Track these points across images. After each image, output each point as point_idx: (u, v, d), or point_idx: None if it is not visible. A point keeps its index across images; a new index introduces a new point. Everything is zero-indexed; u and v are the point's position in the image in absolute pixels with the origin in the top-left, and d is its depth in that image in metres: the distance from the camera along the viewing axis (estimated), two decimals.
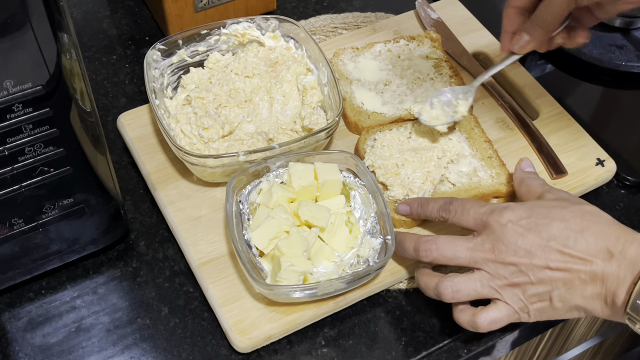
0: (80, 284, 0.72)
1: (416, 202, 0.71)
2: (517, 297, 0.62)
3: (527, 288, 0.62)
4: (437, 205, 0.69)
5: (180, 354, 0.67)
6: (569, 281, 0.61)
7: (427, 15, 0.94)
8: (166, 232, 0.76)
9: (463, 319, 0.65)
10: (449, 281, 0.64)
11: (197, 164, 0.72)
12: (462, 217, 0.66)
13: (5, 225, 0.63)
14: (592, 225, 0.62)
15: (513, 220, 0.63)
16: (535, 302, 0.62)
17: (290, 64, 0.82)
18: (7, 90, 0.55)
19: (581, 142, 0.82)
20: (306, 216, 0.69)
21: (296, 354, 0.68)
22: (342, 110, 0.75)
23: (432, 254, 0.65)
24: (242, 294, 0.69)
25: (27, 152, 0.59)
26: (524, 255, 0.61)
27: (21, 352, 0.67)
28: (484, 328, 0.63)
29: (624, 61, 0.91)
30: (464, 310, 0.65)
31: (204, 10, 0.90)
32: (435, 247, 0.65)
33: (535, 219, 0.63)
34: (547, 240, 0.61)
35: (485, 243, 0.63)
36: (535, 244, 0.61)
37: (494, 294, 0.63)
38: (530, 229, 0.62)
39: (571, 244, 0.61)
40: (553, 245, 0.61)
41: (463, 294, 0.63)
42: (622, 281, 0.59)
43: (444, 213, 0.68)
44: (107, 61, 0.92)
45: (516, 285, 0.62)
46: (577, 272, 0.60)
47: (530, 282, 0.61)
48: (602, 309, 0.61)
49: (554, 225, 0.62)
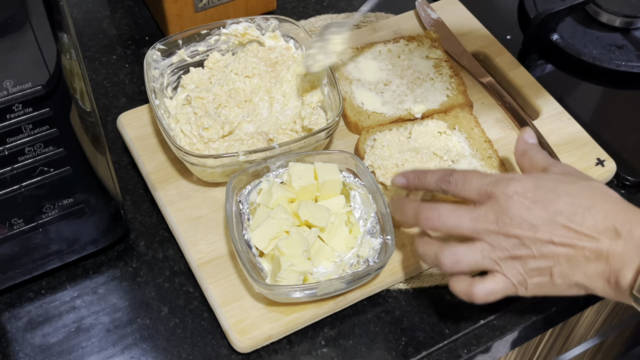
0: (80, 284, 0.72)
1: (413, 174, 0.68)
2: (517, 270, 0.61)
3: (528, 262, 0.60)
4: (435, 177, 0.66)
5: (180, 354, 0.67)
6: (572, 257, 0.59)
7: (427, 15, 0.94)
8: (166, 232, 0.76)
9: (459, 288, 0.63)
10: (450, 250, 0.62)
11: (197, 164, 0.72)
12: (463, 188, 0.63)
13: (5, 225, 0.63)
14: (600, 203, 0.60)
15: (519, 192, 0.61)
16: (534, 276, 0.61)
17: (290, 64, 0.82)
18: (7, 90, 0.55)
19: (581, 142, 0.82)
20: (306, 216, 0.69)
21: (296, 354, 0.68)
22: (342, 110, 0.75)
23: (434, 221, 0.63)
24: (242, 294, 0.69)
25: (27, 152, 0.59)
26: (528, 228, 0.60)
27: (21, 352, 0.67)
28: (480, 299, 0.62)
29: (624, 61, 0.91)
30: (461, 279, 0.63)
31: (204, 10, 0.90)
32: (438, 215, 0.63)
33: (542, 192, 0.61)
34: (553, 215, 0.59)
35: (489, 214, 0.61)
36: (540, 217, 0.60)
37: (494, 265, 0.61)
38: (537, 202, 0.60)
39: (578, 220, 0.59)
40: (559, 220, 0.59)
41: (463, 264, 0.62)
42: (629, 261, 0.57)
43: (443, 184, 0.65)
44: (107, 61, 0.92)
45: (517, 258, 0.60)
46: (582, 248, 0.59)
47: (532, 255, 0.60)
48: (604, 288, 0.60)
49: (562, 200, 0.60)
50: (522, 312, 0.71)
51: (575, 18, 0.96)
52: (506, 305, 0.71)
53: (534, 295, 0.62)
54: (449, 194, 0.65)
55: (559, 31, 0.94)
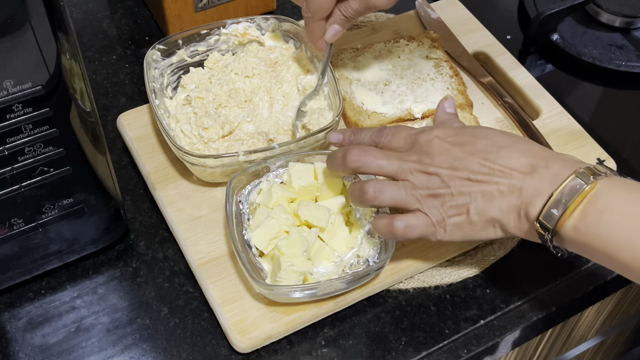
0: (80, 284, 0.72)
1: (349, 131, 0.71)
2: (437, 209, 0.63)
3: (446, 199, 0.63)
4: (370, 132, 0.69)
5: (180, 354, 0.67)
6: (487, 193, 0.62)
7: (427, 15, 0.94)
8: (166, 232, 0.76)
9: (380, 224, 0.65)
10: (375, 182, 0.65)
11: (197, 164, 0.72)
12: (392, 139, 0.67)
13: (5, 225, 0.63)
14: (516, 143, 0.64)
15: (440, 136, 0.65)
16: (453, 215, 0.63)
17: (290, 64, 0.82)
18: (7, 90, 0.55)
19: (581, 142, 0.82)
20: (306, 216, 0.69)
21: (296, 354, 0.68)
22: (342, 110, 0.75)
23: (360, 159, 0.65)
24: (242, 294, 0.69)
25: (27, 152, 0.59)
26: (447, 167, 0.63)
27: (21, 352, 0.67)
28: (400, 232, 0.64)
29: (624, 61, 0.91)
30: (383, 216, 0.66)
31: (204, 10, 0.90)
32: (364, 153, 0.65)
33: (462, 137, 0.65)
34: (469, 154, 0.63)
35: (412, 155, 0.65)
36: (458, 156, 0.63)
37: (415, 203, 0.64)
38: (455, 144, 0.64)
39: (492, 157, 0.62)
40: (475, 158, 0.63)
41: (385, 195, 0.64)
42: (540, 193, 0.60)
43: (376, 137, 0.68)
44: (107, 61, 0.92)
45: (437, 197, 0.63)
46: (497, 184, 0.62)
47: (451, 193, 0.62)
48: (515, 221, 0.62)
49: (479, 141, 0.64)
50: (522, 312, 0.71)
51: (575, 18, 0.96)
52: (506, 305, 0.71)
53: (452, 239, 0.64)
54: (380, 146, 0.68)
55: (559, 31, 0.94)
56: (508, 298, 0.72)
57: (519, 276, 0.73)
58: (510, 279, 0.73)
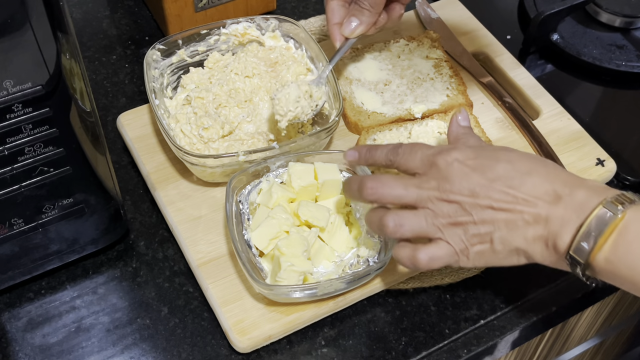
0: (80, 284, 0.72)
1: (364, 148, 0.69)
2: (459, 237, 0.61)
3: (469, 228, 0.61)
4: (385, 149, 0.67)
5: (180, 354, 0.67)
6: (511, 222, 0.60)
7: (427, 15, 0.94)
8: (166, 232, 0.76)
9: (403, 254, 0.63)
10: (394, 214, 0.63)
11: (197, 164, 0.72)
12: (409, 158, 0.65)
13: (5, 225, 0.63)
14: (539, 168, 0.61)
15: (459, 160, 0.62)
16: (475, 243, 0.61)
17: (290, 64, 0.82)
18: (7, 90, 0.55)
19: (581, 142, 0.82)
20: (306, 216, 0.69)
21: (296, 354, 0.68)
22: (342, 110, 0.75)
23: (377, 191, 0.63)
24: (242, 294, 0.69)
25: (27, 152, 0.59)
26: (468, 194, 0.60)
27: (21, 352, 0.67)
28: (423, 265, 0.62)
29: (624, 61, 0.91)
30: (405, 245, 0.63)
31: (204, 10, 0.90)
32: (381, 185, 0.63)
33: (482, 159, 0.62)
34: (491, 181, 0.60)
35: (430, 181, 0.62)
36: (479, 183, 0.60)
37: (437, 232, 0.62)
38: (476, 169, 0.61)
39: (516, 184, 0.60)
40: (497, 185, 0.60)
41: (406, 228, 0.62)
42: (567, 223, 0.58)
43: (391, 156, 0.66)
44: (107, 61, 0.92)
45: (459, 225, 0.61)
46: (521, 212, 0.59)
47: (473, 221, 0.60)
48: (542, 252, 0.60)
49: (500, 166, 0.61)
50: (522, 312, 0.71)
51: (575, 18, 0.96)
52: (506, 305, 0.71)
53: (475, 266, 0.63)
54: (395, 165, 0.66)
55: (559, 31, 0.94)
56: (508, 298, 0.72)
57: (519, 276, 0.73)
58: (510, 279, 0.73)
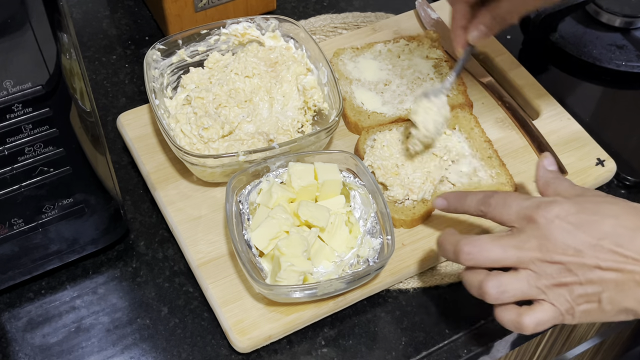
0: (80, 284, 0.72)
1: (453, 196, 0.67)
2: (564, 298, 0.58)
3: (574, 288, 0.58)
4: (476, 199, 0.64)
5: (180, 354, 0.67)
6: (621, 283, 0.57)
7: (427, 15, 0.94)
8: (166, 232, 0.76)
9: (507, 318, 0.60)
10: (495, 280, 0.60)
11: (197, 164, 0.72)
12: (502, 211, 0.62)
13: (5, 225, 0.63)
14: None
15: (561, 216, 0.58)
16: (582, 303, 0.58)
17: (290, 64, 0.82)
18: (7, 90, 0.55)
19: (581, 142, 0.82)
20: (306, 216, 0.69)
21: (296, 354, 0.68)
22: (342, 110, 0.75)
23: (475, 256, 0.60)
24: (242, 294, 0.69)
25: (27, 152, 0.59)
26: (573, 254, 0.57)
27: (21, 352, 0.67)
28: (529, 330, 0.59)
29: (624, 61, 0.91)
30: (508, 309, 0.60)
31: (204, 10, 0.90)
32: (478, 250, 0.60)
33: (585, 215, 0.58)
34: (598, 239, 0.57)
35: (531, 240, 0.59)
36: (585, 242, 0.57)
37: (540, 294, 0.59)
38: (580, 226, 0.58)
39: (625, 242, 0.57)
40: (605, 244, 0.57)
41: (509, 295, 0.59)
42: None
43: (483, 207, 0.63)
44: (107, 61, 0.92)
45: (563, 285, 0.58)
46: (631, 273, 0.56)
47: (579, 282, 0.58)
48: None
49: (606, 222, 0.58)
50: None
51: (575, 18, 0.96)
52: None
53: (579, 322, 0.61)
54: (488, 217, 0.63)
55: (559, 31, 0.94)
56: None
57: None
58: None
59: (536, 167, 0.67)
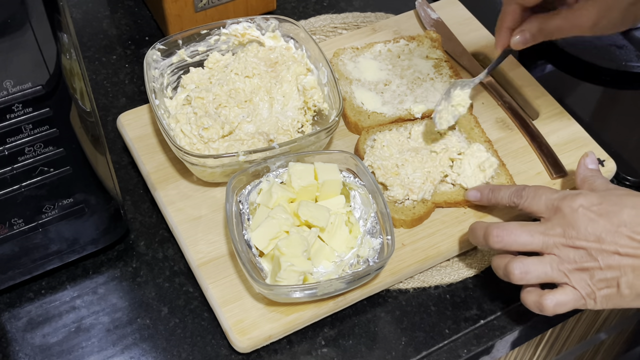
0: (80, 284, 0.72)
1: (487, 189, 0.73)
2: (585, 282, 0.63)
3: (595, 273, 0.62)
4: (509, 192, 0.70)
5: (180, 354, 0.67)
6: (638, 267, 0.61)
7: (427, 15, 0.94)
8: (166, 232, 0.76)
9: (530, 300, 0.65)
10: (519, 262, 0.64)
11: (197, 164, 0.72)
12: (533, 202, 0.67)
13: (5, 225, 0.63)
14: None
15: (585, 206, 0.63)
16: (602, 288, 0.62)
17: (290, 64, 0.82)
18: (7, 90, 0.55)
19: (581, 142, 0.82)
20: (306, 216, 0.69)
21: (296, 354, 0.68)
22: (342, 110, 0.75)
23: (504, 239, 0.65)
24: (242, 294, 0.69)
25: (27, 152, 0.59)
26: (594, 240, 0.62)
27: (21, 352, 0.67)
28: (550, 310, 0.64)
29: (624, 61, 0.91)
30: (531, 291, 0.65)
31: (204, 10, 0.90)
32: (507, 233, 0.65)
33: (607, 205, 0.63)
34: (617, 226, 0.62)
35: (556, 227, 0.64)
36: (605, 229, 0.62)
37: (563, 278, 0.63)
38: (602, 215, 0.63)
39: None
40: (623, 231, 0.61)
41: (532, 275, 0.64)
42: None
43: (515, 198, 0.69)
44: (107, 61, 0.92)
45: (585, 270, 0.62)
46: None
47: (599, 267, 0.62)
48: None
49: (625, 212, 0.62)
50: (522, 312, 0.71)
51: None
52: (506, 305, 0.71)
53: (601, 308, 0.64)
54: (519, 208, 0.69)
55: None
56: (508, 298, 0.72)
57: None
58: None
59: (577, 164, 0.73)
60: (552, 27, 0.72)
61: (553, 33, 0.73)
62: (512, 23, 0.75)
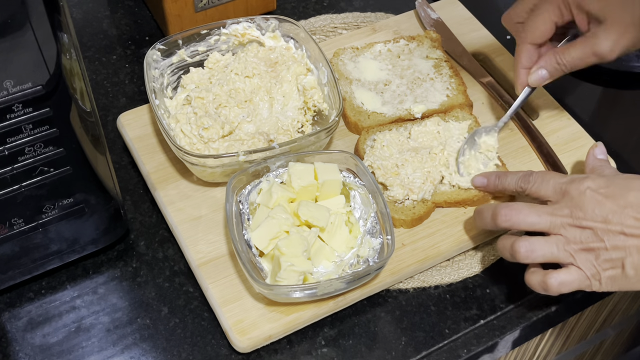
0: (80, 284, 0.72)
1: (493, 175, 0.73)
2: (590, 263, 0.63)
3: (600, 253, 0.63)
4: (516, 177, 0.70)
5: (180, 354, 0.67)
6: None
7: (427, 15, 0.94)
8: (166, 232, 0.76)
9: (534, 280, 0.66)
10: (525, 240, 0.65)
11: (197, 164, 0.72)
12: (541, 187, 0.67)
13: (5, 225, 0.63)
14: None
15: (592, 188, 0.64)
16: (607, 268, 0.63)
17: (290, 64, 0.82)
18: (7, 90, 0.55)
19: (581, 142, 0.82)
20: (306, 216, 0.69)
21: (296, 354, 0.68)
22: (342, 110, 0.75)
23: (512, 218, 0.66)
24: (242, 294, 0.69)
25: (27, 152, 0.59)
26: (600, 220, 0.63)
27: (21, 352, 0.67)
28: (554, 289, 0.64)
29: (624, 61, 0.91)
30: (536, 271, 0.66)
31: (204, 10, 0.90)
32: (515, 212, 0.66)
33: (614, 188, 0.64)
34: (623, 208, 0.62)
35: (563, 208, 0.64)
36: (611, 210, 0.63)
37: (568, 257, 0.64)
38: (608, 197, 0.63)
39: None
40: (629, 212, 0.62)
41: (538, 254, 0.64)
42: None
43: (522, 183, 0.69)
44: (107, 61, 0.92)
45: (590, 250, 0.63)
46: None
47: (605, 247, 0.62)
48: None
49: (632, 194, 0.63)
50: (522, 312, 0.71)
51: None
52: (506, 305, 0.71)
53: (607, 290, 0.64)
54: (527, 193, 0.69)
55: None
56: (508, 298, 0.72)
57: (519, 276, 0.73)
58: (510, 278, 0.73)
59: (587, 154, 0.73)
60: (570, 59, 0.73)
61: (572, 66, 0.74)
62: (528, 62, 0.77)
